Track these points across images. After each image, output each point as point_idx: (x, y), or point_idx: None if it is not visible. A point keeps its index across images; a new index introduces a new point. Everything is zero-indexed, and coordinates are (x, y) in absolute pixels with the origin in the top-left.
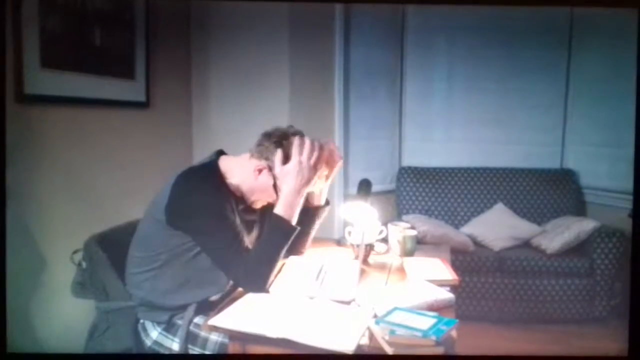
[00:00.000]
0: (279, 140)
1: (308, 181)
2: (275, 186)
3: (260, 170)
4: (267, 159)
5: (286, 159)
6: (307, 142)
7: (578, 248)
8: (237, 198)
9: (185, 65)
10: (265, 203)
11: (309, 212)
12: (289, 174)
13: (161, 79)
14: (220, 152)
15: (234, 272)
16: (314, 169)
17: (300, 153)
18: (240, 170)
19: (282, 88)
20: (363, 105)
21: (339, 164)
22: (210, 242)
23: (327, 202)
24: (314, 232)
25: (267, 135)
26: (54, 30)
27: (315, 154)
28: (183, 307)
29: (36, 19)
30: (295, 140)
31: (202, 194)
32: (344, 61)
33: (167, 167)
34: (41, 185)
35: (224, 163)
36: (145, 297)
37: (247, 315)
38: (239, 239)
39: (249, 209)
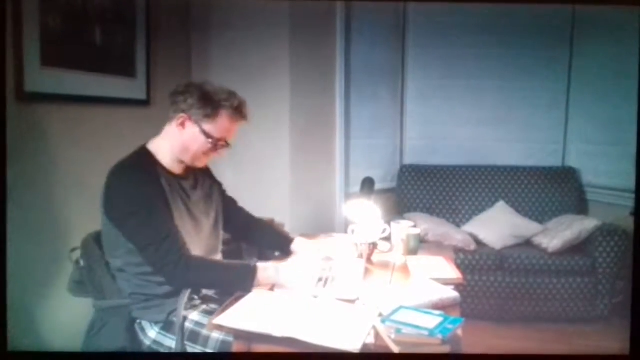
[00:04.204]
0: (185, 90)
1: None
2: (204, 132)
3: (182, 124)
4: (183, 111)
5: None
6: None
7: (580, 246)
8: (177, 175)
9: (186, 63)
10: (208, 158)
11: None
12: (293, 278)
13: (162, 77)
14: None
15: (159, 269)
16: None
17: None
18: (166, 139)
19: (283, 87)
20: (364, 104)
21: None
22: (139, 237)
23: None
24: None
25: (174, 93)
26: (55, 28)
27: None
28: (169, 295)
29: (37, 17)
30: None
31: (130, 188)
32: (345, 60)
33: None
34: (41, 183)
35: (152, 145)
36: (134, 295)
37: (252, 314)
38: (170, 239)
39: (194, 184)
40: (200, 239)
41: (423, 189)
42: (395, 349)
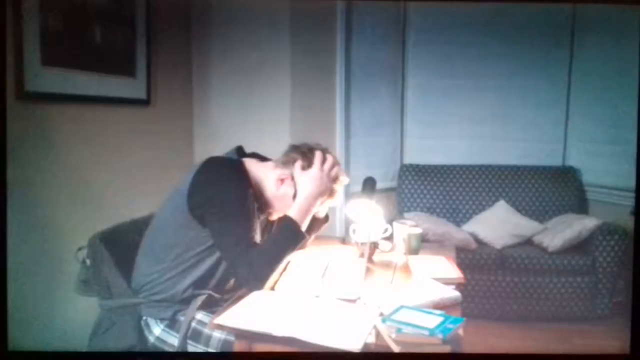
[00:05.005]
0: (305, 152)
1: (324, 191)
2: (294, 197)
3: (282, 180)
4: (289, 170)
5: (307, 167)
6: (330, 155)
7: (580, 246)
8: (256, 199)
9: (186, 62)
10: (280, 215)
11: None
12: (309, 181)
13: (162, 76)
14: (240, 149)
15: (237, 267)
16: (332, 180)
17: (323, 163)
18: (263, 177)
19: (283, 86)
20: (364, 103)
21: (343, 183)
22: (222, 232)
23: (327, 218)
24: (309, 241)
25: (295, 147)
26: (55, 28)
27: (337, 168)
28: (187, 301)
29: (37, 16)
30: (318, 152)
31: (224, 182)
32: (345, 59)
33: (168, 164)
34: (42, 182)
35: (248, 164)
36: (152, 289)
37: (253, 313)
38: (250, 235)
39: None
40: None
41: (423, 188)
42: (396, 349)
